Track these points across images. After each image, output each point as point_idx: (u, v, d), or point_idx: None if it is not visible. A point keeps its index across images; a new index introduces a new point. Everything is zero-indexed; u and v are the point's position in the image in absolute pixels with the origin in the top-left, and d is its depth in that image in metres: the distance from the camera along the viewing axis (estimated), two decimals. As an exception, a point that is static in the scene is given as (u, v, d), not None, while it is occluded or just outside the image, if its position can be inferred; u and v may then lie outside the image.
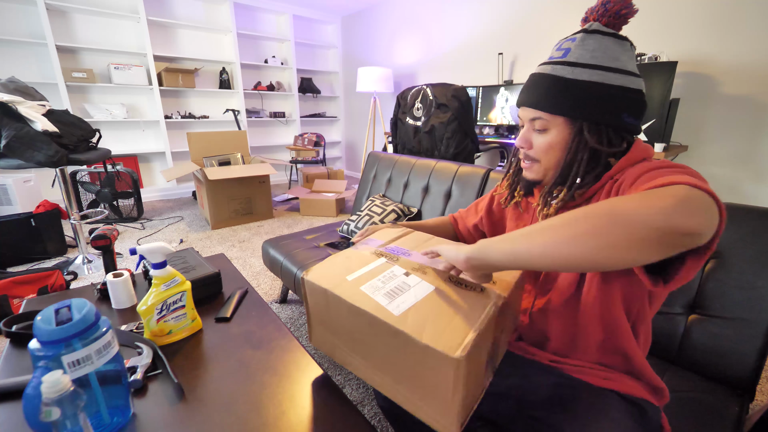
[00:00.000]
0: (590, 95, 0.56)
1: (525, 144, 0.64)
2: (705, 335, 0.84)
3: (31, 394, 0.47)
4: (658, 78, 1.80)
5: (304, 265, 1.46)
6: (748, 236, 0.81)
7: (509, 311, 0.59)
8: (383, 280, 0.58)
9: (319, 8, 4.57)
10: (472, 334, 0.46)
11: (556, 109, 0.58)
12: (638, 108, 0.58)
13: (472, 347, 0.45)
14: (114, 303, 0.91)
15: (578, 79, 0.56)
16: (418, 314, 0.50)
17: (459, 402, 0.46)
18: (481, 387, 0.54)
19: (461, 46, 3.46)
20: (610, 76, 0.56)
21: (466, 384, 0.46)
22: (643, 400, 0.60)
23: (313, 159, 4.21)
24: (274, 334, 0.81)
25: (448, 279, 0.58)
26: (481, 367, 0.52)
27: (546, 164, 0.63)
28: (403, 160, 1.83)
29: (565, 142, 0.59)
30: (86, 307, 0.52)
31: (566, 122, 0.59)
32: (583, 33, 0.59)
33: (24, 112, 1.74)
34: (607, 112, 0.56)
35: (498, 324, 0.53)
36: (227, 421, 0.58)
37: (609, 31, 0.58)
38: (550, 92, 0.59)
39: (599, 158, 0.59)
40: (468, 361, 0.44)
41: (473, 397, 0.51)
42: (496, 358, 0.60)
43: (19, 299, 1.64)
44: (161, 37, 3.73)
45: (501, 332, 0.57)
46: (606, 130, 0.57)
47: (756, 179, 2.00)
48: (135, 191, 3.04)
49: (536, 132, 0.62)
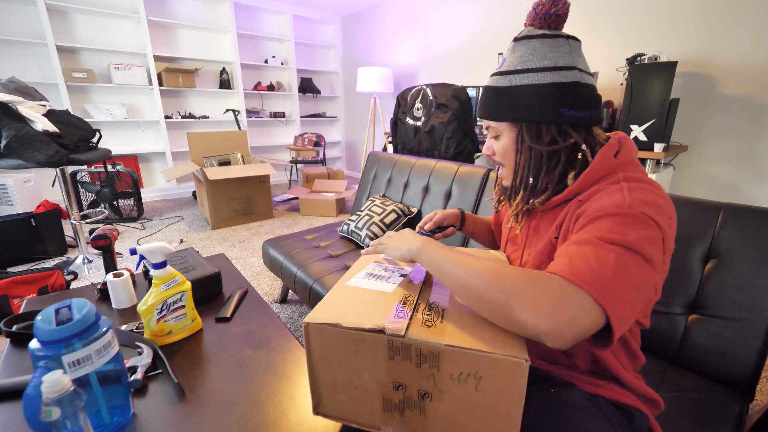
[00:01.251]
0: (523, 98, 0.59)
1: (488, 151, 0.68)
2: (705, 335, 0.84)
3: (31, 394, 0.47)
4: (658, 78, 1.80)
5: (304, 265, 1.46)
6: (747, 236, 0.81)
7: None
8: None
9: (319, 8, 4.57)
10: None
11: (498, 116, 0.62)
12: (578, 99, 0.57)
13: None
14: (114, 303, 0.91)
15: (510, 85, 0.60)
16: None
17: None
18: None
19: (461, 46, 3.46)
20: (538, 76, 0.57)
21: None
22: (631, 407, 0.59)
23: (313, 159, 4.21)
24: (274, 334, 0.81)
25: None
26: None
27: (509, 168, 0.65)
28: (403, 160, 1.83)
29: (514, 144, 0.62)
30: (86, 307, 0.52)
31: (510, 126, 0.62)
32: (513, 42, 0.62)
33: (24, 112, 1.74)
34: (542, 110, 0.58)
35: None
36: (227, 421, 0.58)
37: (538, 33, 0.59)
38: (492, 102, 0.62)
39: (557, 159, 0.59)
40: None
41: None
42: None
43: (19, 299, 1.64)
44: (161, 37, 3.73)
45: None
46: (548, 127, 0.59)
47: (756, 179, 2.00)
48: (135, 191, 3.04)
49: (493, 139, 0.66)
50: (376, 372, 0.47)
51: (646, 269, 0.46)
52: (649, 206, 0.49)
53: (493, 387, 0.42)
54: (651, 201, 0.50)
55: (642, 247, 0.46)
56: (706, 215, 0.87)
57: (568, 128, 0.58)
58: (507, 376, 0.41)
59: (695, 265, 0.87)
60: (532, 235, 0.67)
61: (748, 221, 0.82)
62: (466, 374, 0.43)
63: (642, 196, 0.50)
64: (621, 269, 0.45)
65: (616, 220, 0.48)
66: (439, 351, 0.43)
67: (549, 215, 0.63)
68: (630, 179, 0.54)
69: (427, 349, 0.44)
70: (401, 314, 0.48)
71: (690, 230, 0.88)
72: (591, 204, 0.53)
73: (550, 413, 0.53)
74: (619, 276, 0.45)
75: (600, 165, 0.57)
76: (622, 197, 0.50)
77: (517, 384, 0.41)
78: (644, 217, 0.48)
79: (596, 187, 0.56)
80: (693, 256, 0.87)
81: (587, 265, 0.45)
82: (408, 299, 0.52)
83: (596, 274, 0.44)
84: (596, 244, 0.47)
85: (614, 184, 0.54)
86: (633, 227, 0.47)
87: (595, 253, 0.46)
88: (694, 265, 0.87)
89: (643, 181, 0.54)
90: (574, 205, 0.57)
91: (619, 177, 0.55)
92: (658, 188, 0.53)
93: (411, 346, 0.44)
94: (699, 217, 0.88)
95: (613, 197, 0.51)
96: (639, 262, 0.46)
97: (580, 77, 0.58)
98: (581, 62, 0.59)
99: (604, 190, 0.54)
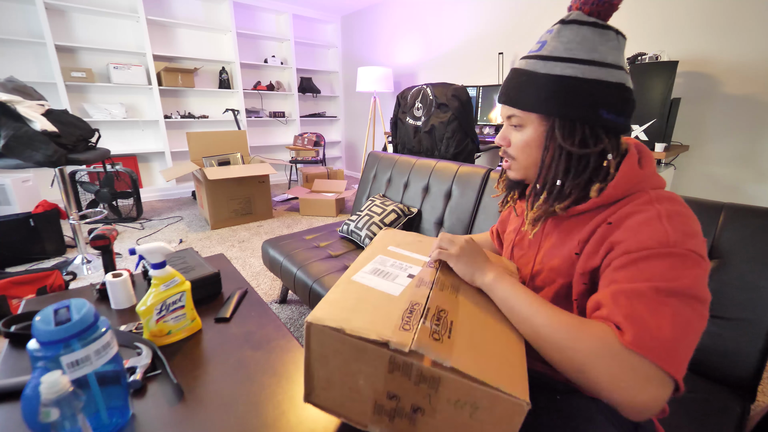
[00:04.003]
0: (562, 90, 0.53)
1: (503, 141, 0.62)
2: (706, 335, 0.82)
3: (29, 395, 0.47)
4: (659, 77, 1.80)
5: (303, 266, 1.45)
6: (749, 236, 0.81)
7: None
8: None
9: (318, 8, 4.56)
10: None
11: (528, 106, 0.56)
12: (620, 103, 0.53)
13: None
14: (113, 303, 0.90)
15: (550, 74, 0.53)
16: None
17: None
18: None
19: (461, 45, 3.45)
20: (584, 69, 0.52)
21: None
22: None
23: (312, 159, 4.20)
24: (273, 334, 0.81)
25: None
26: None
27: (524, 162, 0.60)
28: (403, 159, 1.83)
29: (540, 139, 0.57)
30: (85, 308, 0.52)
31: (540, 119, 0.56)
32: (560, 24, 0.55)
33: (23, 111, 1.73)
34: (581, 107, 0.53)
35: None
36: (227, 421, 0.58)
37: (589, 20, 0.53)
38: (523, 88, 0.56)
39: (585, 164, 0.55)
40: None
41: None
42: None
43: (17, 299, 1.64)
44: (160, 37, 3.73)
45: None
46: (582, 127, 0.53)
47: (757, 179, 2.00)
48: (134, 191, 3.03)
49: (513, 129, 0.60)
50: (372, 380, 0.46)
51: (701, 312, 0.45)
52: (693, 239, 0.47)
53: (489, 419, 0.42)
54: (692, 230, 0.48)
55: (696, 291, 0.45)
56: (707, 215, 0.87)
57: (601, 132, 0.54)
58: (504, 413, 0.41)
59: (696, 265, 0.86)
60: (546, 242, 0.64)
61: (750, 221, 0.82)
62: (464, 402, 0.42)
63: (683, 226, 0.48)
64: (680, 325, 0.44)
65: (666, 264, 0.46)
66: (440, 377, 0.42)
67: (566, 223, 0.60)
68: (662, 200, 0.51)
69: (428, 372, 0.43)
70: (407, 325, 0.46)
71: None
72: (627, 233, 0.49)
73: (556, 421, 0.53)
74: (679, 334, 0.44)
75: (628, 178, 0.53)
76: (664, 231, 0.47)
77: (512, 423, 0.41)
78: (693, 255, 0.46)
79: (627, 209, 0.52)
80: (694, 256, 0.87)
81: (647, 329, 0.44)
82: (415, 307, 0.50)
83: (658, 339, 0.43)
84: (650, 297, 0.45)
85: (647, 206, 0.50)
86: (685, 269, 0.45)
87: (650, 310, 0.44)
88: (695, 265, 0.86)
89: (674, 200, 0.51)
90: (602, 226, 0.53)
91: (651, 197, 0.51)
92: (686, 206, 0.51)
93: (413, 365, 0.43)
94: (700, 218, 0.86)
95: (654, 230, 0.48)
96: (695, 307, 0.45)
97: (625, 79, 0.54)
98: (625, 63, 0.55)
99: (637, 214, 0.50)
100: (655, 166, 0.57)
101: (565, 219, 0.60)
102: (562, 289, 0.59)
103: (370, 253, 0.66)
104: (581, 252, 0.55)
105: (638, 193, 0.53)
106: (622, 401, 0.43)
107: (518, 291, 0.54)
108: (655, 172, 0.56)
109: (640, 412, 0.43)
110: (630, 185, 0.53)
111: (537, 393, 0.43)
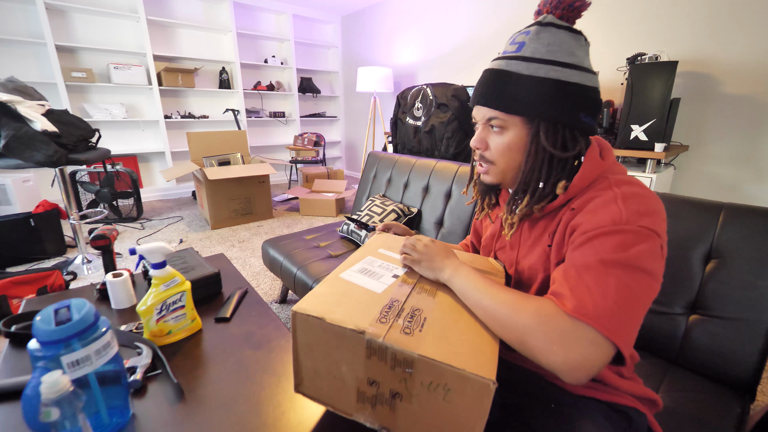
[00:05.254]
0: (548, 93, 0.53)
1: (480, 145, 0.60)
2: (706, 335, 0.84)
3: (30, 395, 0.47)
4: (659, 78, 1.79)
5: (303, 265, 1.45)
6: (749, 236, 0.81)
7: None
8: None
9: (318, 8, 4.56)
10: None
11: (512, 108, 0.55)
12: (594, 107, 0.55)
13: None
14: (113, 303, 0.90)
15: (534, 76, 0.53)
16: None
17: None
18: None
19: (461, 46, 3.45)
20: (567, 72, 0.52)
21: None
22: (628, 407, 0.58)
23: (312, 159, 4.20)
24: (273, 334, 0.81)
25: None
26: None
27: (503, 166, 0.59)
28: (403, 160, 1.83)
29: (524, 143, 0.56)
30: (85, 308, 0.52)
31: (524, 122, 0.55)
32: (537, 26, 0.55)
33: (23, 111, 1.73)
34: (565, 111, 0.53)
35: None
36: (227, 421, 0.58)
37: (563, 24, 0.54)
38: (506, 90, 0.55)
39: (563, 165, 0.56)
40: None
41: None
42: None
43: (18, 299, 1.64)
44: (161, 37, 3.73)
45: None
46: (563, 130, 0.54)
47: (757, 179, 2.00)
48: (134, 191, 3.03)
49: (493, 132, 0.59)
50: (353, 367, 0.49)
51: (648, 284, 0.46)
52: (646, 217, 0.48)
53: (460, 400, 0.44)
54: (646, 209, 0.49)
55: (643, 263, 0.46)
56: (707, 215, 0.87)
57: (578, 134, 0.55)
58: (473, 393, 0.43)
59: (696, 265, 0.86)
60: (523, 242, 0.65)
61: (749, 221, 0.82)
62: (436, 384, 0.45)
63: (637, 206, 0.49)
64: (623, 294, 0.45)
65: (615, 239, 0.47)
66: (413, 359, 0.45)
67: (541, 222, 0.61)
68: (621, 183, 0.53)
69: (402, 355, 0.45)
70: (383, 319, 0.49)
71: (691, 230, 0.88)
72: (586, 216, 0.52)
73: (550, 421, 0.54)
74: (623, 302, 0.45)
75: (591, 169, 0.55)
76: (618, 210, 0.49)
77: (482, 402, 0.43)
78: (644, 231, 0.47)
79: (588, 194, 0.54)
80: (694, 257, 0.87)
81: (590, 296, 0.45)
82: (394, 304, 0.53)
83: (600, 306, 0.44)
84: (596, 269, 0.47)
85: (606, 190, 0.52)
86: (634, 244, 0.47)
87: (595, 280, 0.46)
88: (695, 265, 0.87)
89: (633, 183, 0.53)
90: (567, 214, 0.55)
91: (610, 182, 0.53)
92: (646, 188, 0.53)
93: (387, 349, 0.46)
94: (700, 218, 0.88)
95: (609, 210, 0.49)
96: (641, 278, 0.46)
97: (598, 83, 0.56)
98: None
99: (597, 198, 0.52)
100: (614, 156, 0.59)
101: (538, 217, 0.61)
102: (545, 283, 0.61)
103: (361, 255, 0.69)
104: (552, 243, 0.57)
105: (599, 179, 0.55)
106: (557, 363, 0.44)
107: (470, 279, 0.55)
108: (615, 161, 0.58)
109: (574, 372, 0.44)
110: (593, 175, 0.55)
111: (531, 393, 0.43)
